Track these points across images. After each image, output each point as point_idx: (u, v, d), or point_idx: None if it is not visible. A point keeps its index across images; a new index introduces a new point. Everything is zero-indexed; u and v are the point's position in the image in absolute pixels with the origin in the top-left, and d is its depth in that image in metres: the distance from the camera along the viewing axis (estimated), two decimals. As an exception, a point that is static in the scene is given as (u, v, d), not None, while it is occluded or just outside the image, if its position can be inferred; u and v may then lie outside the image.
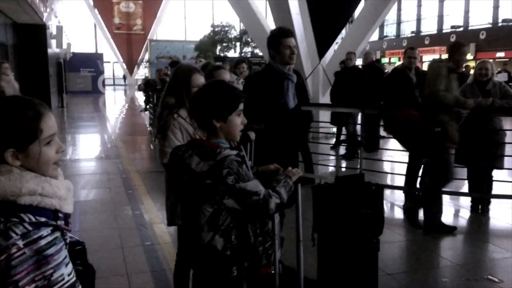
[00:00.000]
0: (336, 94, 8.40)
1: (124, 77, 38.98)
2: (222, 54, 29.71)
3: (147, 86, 13.70)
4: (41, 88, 13.85)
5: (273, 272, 2.07)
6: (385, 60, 34.16)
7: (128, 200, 5.73)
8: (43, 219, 1.22)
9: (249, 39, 29.32)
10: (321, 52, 10.24)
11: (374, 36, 28.73)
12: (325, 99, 10.33)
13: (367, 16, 10.90)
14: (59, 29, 17.93)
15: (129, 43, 22.66)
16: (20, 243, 1.16)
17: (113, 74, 40.01)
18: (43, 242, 1.19)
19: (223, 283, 2.01)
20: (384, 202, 4.23)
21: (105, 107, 21.95)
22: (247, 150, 3.15)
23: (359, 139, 7.09)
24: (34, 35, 14.56)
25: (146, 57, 38.81)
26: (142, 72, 38.68)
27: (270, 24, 11.63)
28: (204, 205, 1.93)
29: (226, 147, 1.94)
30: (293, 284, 2.43)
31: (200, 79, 2.74)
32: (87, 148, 10.46)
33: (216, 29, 32.73)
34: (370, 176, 4.84)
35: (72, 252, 1.35)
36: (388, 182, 6.42)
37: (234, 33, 32.72)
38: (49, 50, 16.19)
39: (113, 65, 39.43)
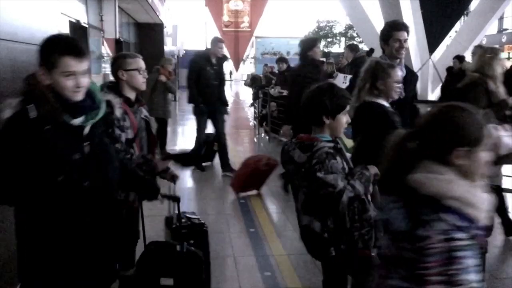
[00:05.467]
0: (448, 91, 7.99)
1: (230, 73, 40.45)
2: (326, 50, 29.52)
3: (253, 82, 14.13)
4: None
5: (372, 254, 2.16)
6: (504, 55, 31.35)
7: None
8: (464, 224, 1.31)
9: (354, 34, 28.77)
10: (432, 47, 9.78)
11: (492, 30, 26.49)
12: (434, 96, 9.86)
13: (484, 8, 10.16)
14: (175, 27, 19.17)
15: (236, 40, 23.46)
16: (441, 237, 1.29)
17: (221, 69, 41.57)
18: (458, 243, 1.28)
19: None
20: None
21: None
22: None
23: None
24: (152, 33, 15.76)
25: (252, 53, 39.85)
26: (247, 68, 39.81)
27: (378, 19, 11.36)
28: (299, 192, 2.23)
29: (325, 140, 2.16)
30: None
31: None
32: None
33: (321, 24, 32.57)
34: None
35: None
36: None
37: (339, 28, 32.31)
38: (165, 48, 17.40)
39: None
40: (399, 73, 2.97)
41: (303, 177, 2.16)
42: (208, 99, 6.55)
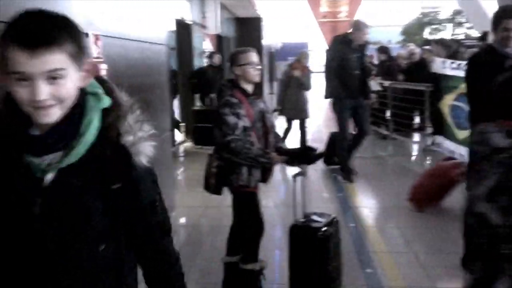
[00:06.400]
0: None
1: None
2: (430, 38, 27.88)
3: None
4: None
5: None
6: None
7: (332, 184, 5.99)
8: None
9: (462, 20, 26.81)
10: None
11: None
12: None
13: None
14: (271, 21, 19.35)
15: (335, 30, 23.07)
16: None
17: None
18: None
19: None
20: None
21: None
22: None
23: None
24: (251, 27, 16.05)
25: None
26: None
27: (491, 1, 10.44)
28: (486, 176, 2.20)
29: None
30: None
31: None
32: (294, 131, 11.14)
33: (425, 11, 30.81)
34: None
35: None
36: None
37: (444, 14, 30.32)
38: (263, 41, 17.64)
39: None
40: None
41: (499, 162, 2.13)
42: (351, 92, 5.65)
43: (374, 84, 9.29)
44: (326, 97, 5.98)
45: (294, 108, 7.12)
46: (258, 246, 2.98)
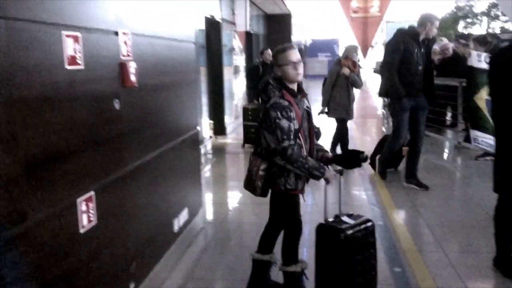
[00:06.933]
0: None
1: (358, 60, 39.43)
2: (465, 32, 27.11)
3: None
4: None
5: None
6: None
7: (360, 180, 5.92)
8: None
9: (499, 13, 25.95)
10: None
11: None
12: None
13: None
14: (302, 17, 19.24)
15: (365, 26, 22.69)
16: None
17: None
18: None
19: None
20: None
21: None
22: None
23: None
24: (280, 24, 16.02)
25: (382, 39, 38.28)
26: (376, 55, 38.39)
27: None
28: None
29: None
30: None
31: None
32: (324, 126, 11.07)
33: (460, 4, 29.98)
34: None
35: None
36: None
37: (480, 8, 29.43)
38: (293, 38, 17.56)
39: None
40: None
41: None
42: (412, 91, 5.14)
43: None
44: (381, 95, 5.60)
45: (343, 109, 6.51)
46: (298, 247, 2.95)
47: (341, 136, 6.72)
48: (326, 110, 6.69)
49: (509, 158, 3.11)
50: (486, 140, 6.12)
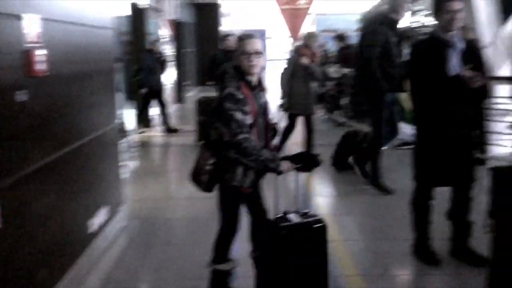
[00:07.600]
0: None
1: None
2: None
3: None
4: (209, 63, 15.01)
5: None
6: None
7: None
8: None
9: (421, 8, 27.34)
10: (504, 19, 9.01)
11: None
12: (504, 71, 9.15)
13: None
14: (230, 7, 19.11)
15: (294, 17, 23.02)
16: None
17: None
18: None
19: None
20: None
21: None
22: None
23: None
24: (209, 13, 15.81)
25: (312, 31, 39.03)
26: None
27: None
28: None
29: None
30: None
31: None
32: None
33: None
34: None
35: None
36: None
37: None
38: (221, 28, 17.42)
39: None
40: None
41: None
42: (392, 84, 4.64)
43: (333, 71, 9.37)
44: (359, 92, 5.02)
45: (302, 103, 5.89)
46: (230, 246, 2.81)
47: (288, 132, 6.16)
48: (286, 103, 6.03)
49: (428, 147, 3.24)
50: (405, 130, 6.44)
